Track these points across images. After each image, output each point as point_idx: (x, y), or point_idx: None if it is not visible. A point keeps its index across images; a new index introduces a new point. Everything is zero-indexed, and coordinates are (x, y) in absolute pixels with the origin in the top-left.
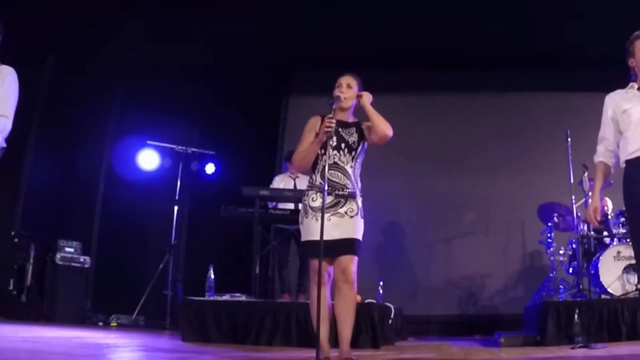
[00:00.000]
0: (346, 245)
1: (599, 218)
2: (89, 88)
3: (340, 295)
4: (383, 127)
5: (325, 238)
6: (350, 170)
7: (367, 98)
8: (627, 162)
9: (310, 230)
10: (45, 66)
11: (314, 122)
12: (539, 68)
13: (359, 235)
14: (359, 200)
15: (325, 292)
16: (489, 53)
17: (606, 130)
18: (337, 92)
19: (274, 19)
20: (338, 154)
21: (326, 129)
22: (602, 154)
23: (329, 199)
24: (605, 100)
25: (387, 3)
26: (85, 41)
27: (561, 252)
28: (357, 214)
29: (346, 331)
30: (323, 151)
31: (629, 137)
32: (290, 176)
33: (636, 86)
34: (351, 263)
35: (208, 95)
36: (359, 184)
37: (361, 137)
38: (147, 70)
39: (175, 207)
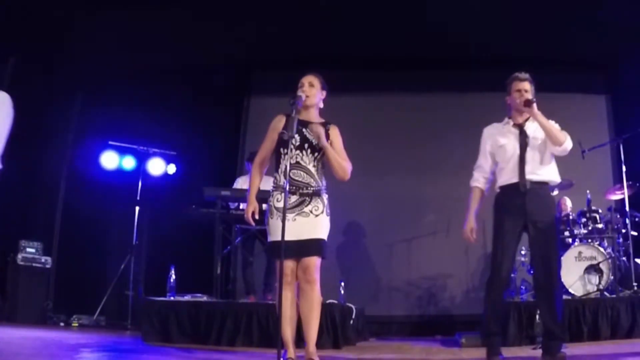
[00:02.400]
0: (310, 246)
1: (474, 236)
2: (51, 88)
3: (302, 295)
4: (340, 173)
5: (290, 238)
6: (313, 170)
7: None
8: (501, 187)
9: (276, 230)
10: (6, 67)
11: (277, 122)
12: (499, 68)
13: (324, 234)
14: (325, 197)
15: (290, 292)
16: (448, 53)
17: (483, 160)
18: (299, 92)
19: (234, 19)
20: (300, 154)
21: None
22: (476, 180)
23: (294, 198)
24: (484, 133)
25: (346, 3)
26: (47, 42)
27: (522, 252)
28: (322, 212)
29: (310, 331)
30: (285, 151)
31: (503, 168)
32: None
33: (512, 122)
34: (313, 263)
35: (169, 95)
36: (324, 182)
37: (325, 137)
38: (108, 71)
39: (137, 208)
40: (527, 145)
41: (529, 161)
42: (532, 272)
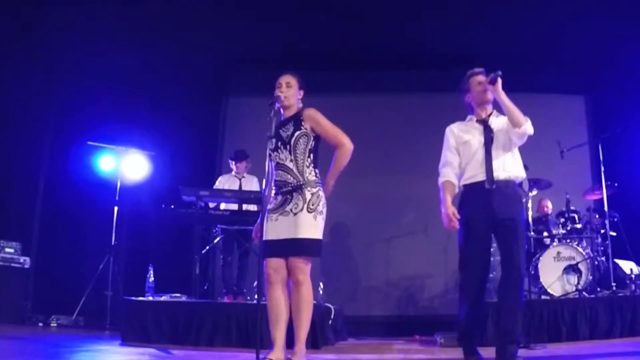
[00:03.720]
0: (291, 246)
1: (455, 222)
2: (29, 88)
3: (293, 296)
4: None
5: (271, 238)
6: (291, 165)
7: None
8: (465, 186)
9: (265, 231)
10: None
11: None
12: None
13: (305, 233)
14: (308, 192)
15: (276, 291)
16: (426, 52)
17: (450, 157)
18: (277, 92)
19: (212, 18)
20: (277, 154)
21: None
22: (447, 175)
23: (279, 199)
24: (447, 131)
25: (323, 3)
26: (25, 41)
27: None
28: (302, 209)
29: (297, 331)
30: (269, 159)
31: (468, 165)
32: (236, 176)
33: (475, 118)
34: (295, 264)
35: (148, 95)
36: (307, 175)
37: (297, 127)
38: (87, 71)
39: (115, 208)
40: (493, 140)
41: (495, 157)
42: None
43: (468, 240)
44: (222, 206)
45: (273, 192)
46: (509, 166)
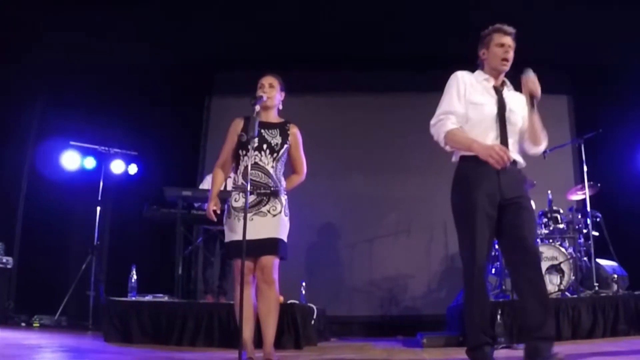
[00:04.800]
0: (267, 245)
1: (508, 155)
2: (11, 88)
3: (260, 295)
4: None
5: (248, 238)
6: (271, 170)
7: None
8: (465, 157)
9: (233, 230)
10: None
11: (236, 125)
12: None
13: (281, 234)
14: (283, 197)
15: (250, 292)
16: (409, 53)
17: (456, 104)
18: (259, 92)
19: (195, 19)
20: (259, 155)
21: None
22: (452, 123)
23: (252, 198)
24: (457, 75)
25: (306, 3)
26: (7, 41)
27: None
28: (280, 212)
29: (268, 331)
30: (244, 152)
31: (472, 132)
32: None
33: (492, 81)
34: (270, 263)
35: (130, 95)
36: (282, 183)
37: (285, 139)
38: (70, 71)
39: (98, 208)
40: (507, 116)
41: (509, 134)
42: (507, 263)
43: (470, 221)
44: (205, 206)
45: (240, 189)
46: (517, 148)
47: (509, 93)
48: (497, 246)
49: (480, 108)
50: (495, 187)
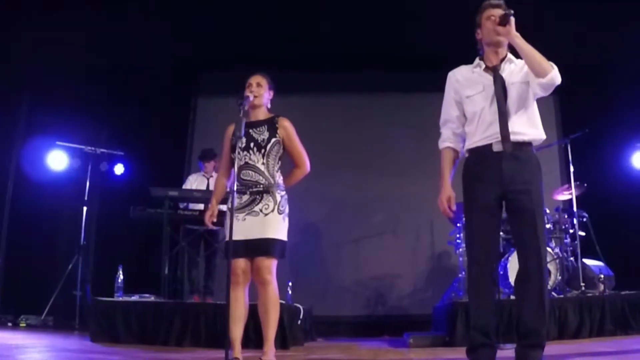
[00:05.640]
0: (260, 246)
1: (453, 207)
2: None
3: (258, 296)
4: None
5: (239, 238)
6: (262, 167)
7: None
8: (470, 151)
9: (229, 230)
10: None
11: (229, 130)
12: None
13: (275, 234)
14: (278, 194)
15: (240, 292)
16: (397, 53)
17: (450, 111)
18: (247, 92)
19: (181, 19)
20: (248, 154)
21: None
22: (448, 139)
23: (245, 198)
24: (449, 77)
25: (291, 4)
26: None
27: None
28: (273, 210)
29: (265, 331)
30: (234, 155)
31: (472, 126)
32: (204, 175)
33: (483, 65)
34: (263, 264)
35: (117, 95)
36: (277, 179)
37: (272, 134)
38: (55, 71)
39: (85, 208)
40: (508, 90)
41: (508, 114)
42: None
43: (472, 219)
44: (191, 206)
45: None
46: (524, 126)
47: (511, 66)
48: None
49: (472, 100)
50: (497, 177)
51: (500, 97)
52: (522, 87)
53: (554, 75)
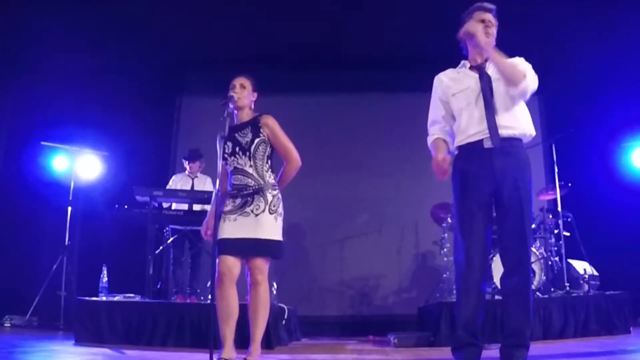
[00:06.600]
0: (253, 247)
1: (447, 167)
2: None
3: (251, 296)
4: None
5: (228, 236)
6: (250, 170)
7: None
8: (459, 148)
9: (220, 230)
10: None
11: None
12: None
13: (267, 234)
14: (269, 194)
15: (228, 290)
16: (382, 53)
17: (437, 112)
18: (231, 93)
19: (167, 19)
20: (236, 159)
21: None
22: (436, 133)
23: (238, 201)
24: (436, 80)
25: (277, 4)
26: None
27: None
28: (263, 210)
29: (253, 331)
30: (224, 162)
31: (460, 122)
32: (189, 175)
33: (468, 64)
34: (254, 265)
35: (101, 95)
36: (267, 179)
37: (256, 134)
38: (40, 71)
39: (69, 208)
40: (492, 90)
41: (496, 110)
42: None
43: (462, 218)
44: (174, 206)
45: (229, 195)
46: (513, 121)
47: None
48: None
49: (459, 97)
50: (488, 174)
51: (486, 92)
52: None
53: (526, 85)
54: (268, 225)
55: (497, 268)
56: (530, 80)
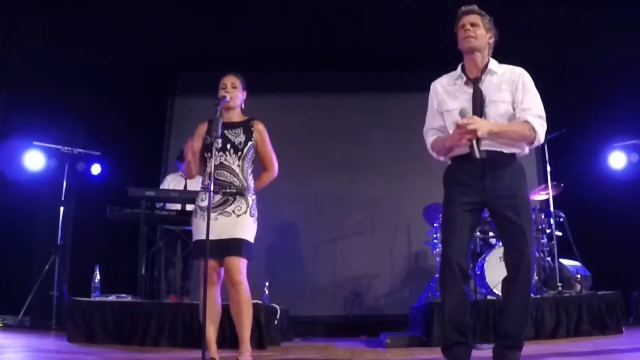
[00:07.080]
0: (231, 246)
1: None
2: None
3: (230, 296)
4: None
5: (211, 238)
6: (237, 169)
7: None
8: (452, 159)
9: (198, 229)
10: None
11: (200, 128)
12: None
13: (246, 235)
14: (250, 198)
15: (214, 292)
16: (376, 54)
17: (433, 122)
18: (222, 93)
19: (158, 19)
20: (224, 155)
21: None
22: (434, 135)
23: (217, 197)
24: (431, 87)
25: (267, 5)
26: None
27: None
28: (245, 212)
29: (240, 331)
30: (209, 155)
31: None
32: (182, 176)
33: (464, 78)
34: (235, 264)
35: (93, 95)
36: (249, 182)
37: (249, 137)
38: (32, 71)
39: (61, 208)
40: (484, 109)
41: None
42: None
43: (447, 221)
44: (167, 206)
45: (207, 189)
46: (503, 144)
47: (492, 78)
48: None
49: (451, 114)
50: (478, 184)
51: (477, 113)
52: (503, 107)
53: (539, 140)
54: (248, 227)
55: (490, 269)
56: (540, 135)
